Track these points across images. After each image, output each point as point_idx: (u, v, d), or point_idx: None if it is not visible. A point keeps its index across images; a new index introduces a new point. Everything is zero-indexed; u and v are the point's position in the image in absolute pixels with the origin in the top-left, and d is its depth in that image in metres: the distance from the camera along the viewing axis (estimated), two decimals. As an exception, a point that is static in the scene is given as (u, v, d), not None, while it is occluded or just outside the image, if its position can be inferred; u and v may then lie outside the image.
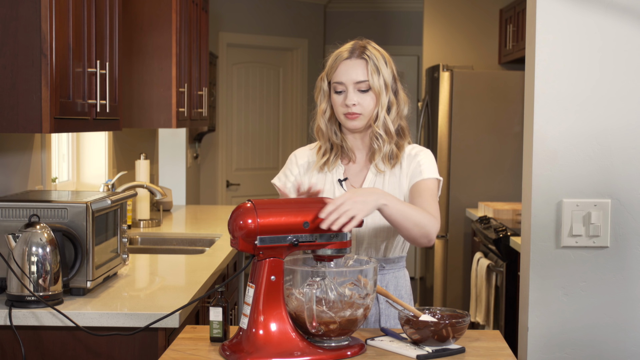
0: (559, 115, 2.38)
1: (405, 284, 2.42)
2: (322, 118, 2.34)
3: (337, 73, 2.28)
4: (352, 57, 2.27)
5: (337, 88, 2.28)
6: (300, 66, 7.44)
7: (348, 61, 2.27)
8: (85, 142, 4.06)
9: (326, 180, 2.34)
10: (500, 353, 2.04)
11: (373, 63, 2.26)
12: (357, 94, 2.26)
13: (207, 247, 3.76)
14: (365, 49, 2.29)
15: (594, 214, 2.37)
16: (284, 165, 2.44)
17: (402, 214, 2.06)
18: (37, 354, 2.34)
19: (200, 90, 4.63)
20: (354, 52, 2.28)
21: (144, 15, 3.91)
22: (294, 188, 2.31)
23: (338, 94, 2.28)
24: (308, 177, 2.37)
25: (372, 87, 2.26)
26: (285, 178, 2.40)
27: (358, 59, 2.27)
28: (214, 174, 6.79)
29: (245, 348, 1.93)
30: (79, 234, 2.50)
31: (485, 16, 6.47)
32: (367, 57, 2.27)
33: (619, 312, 2.40)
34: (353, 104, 2.26)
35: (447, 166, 5.71)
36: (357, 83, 2.26)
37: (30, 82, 2.35)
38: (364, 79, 2.26)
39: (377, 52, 2.30)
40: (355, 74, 2.26)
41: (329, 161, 2.34)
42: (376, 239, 2.30)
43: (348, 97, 2.26)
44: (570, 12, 2.37)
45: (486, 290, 4.60)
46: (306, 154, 2.41)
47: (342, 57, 2.28)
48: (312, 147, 2.42)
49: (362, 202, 1.97)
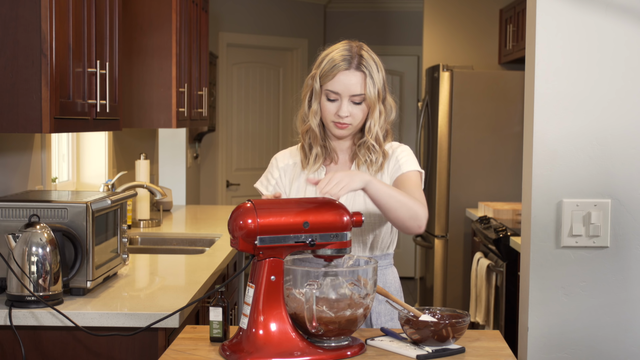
0: (558, 115, 2.38)
1: (394, 281, 2.41)
2: (314, 119, 2.33)
3: (334, 82, 2.26)
4: (350, 68, 2.25)
5: (330, 96, 2.28)
6: (300, 66, 7.44)
7: (347, 72, 2.25)
8: (85, 142, 4.06)
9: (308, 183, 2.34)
10: (500, 353, 2.04)
11: (370, 75, 2.26)
12: (351, 105, 2.27)
13: (207, 247, 3.76)
14: (362, 58, 2.26)
15: (594, 214, 2.37)
16: (266, 169, 2.45)
17: (388, 193, 2.10)
18: (37, 354, 2.35)
19: (200, 90, 4.63)
20: (352, 63, 2.25)
21: (144, 15, 3.91)
22: (274, 192, 2.33)
23: (330, 101, 2.28)
24: (290, 178, 2.38)
25: (368, 100, 2.26)
26: (266, 182, 2.42)
27: (357, 71, 2.25)
28: (214, 174, 6.79)
29: (245, 348, 1.93)
30: (79, 234, 2.50)
31: (485, 16, 6.47)
32: (365, 68, 2.26)
33: (619, 312, 2.40)
34: (346, 115, 2.26)
35: (447, 166, 5.71)
36: (353, 96, 2.26)
37: (30, 82, 2.35)
38: (361, 92, 2.26)
39: (371, 60, 2.28)
40: (353, 87, 2.25)
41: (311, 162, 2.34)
42: (362, 233, 2.31)
43: (342, 109, 2.26)
44: (570, 12, 2.37)
45: (486, 290, 4.60)
46: (286, 157, 2.42)
47: (340, 68, 2.25)
48: (293, 149, 2.43)
49: (351, 176, 2.05)
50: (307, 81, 2.35)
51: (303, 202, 2.04)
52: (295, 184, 2.36)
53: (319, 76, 2.30)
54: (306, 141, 2.36)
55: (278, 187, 2.39)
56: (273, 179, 2.41)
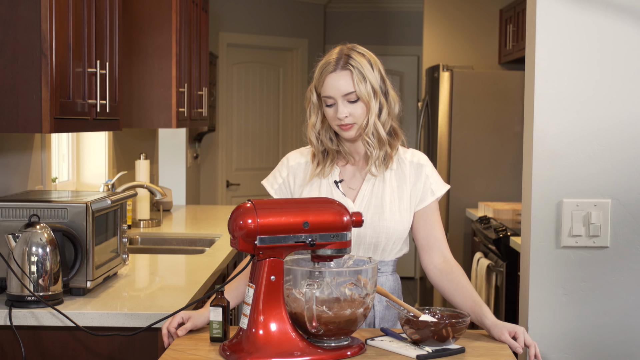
0: (559, 115, 2.38)
1: (397, 287, 2.40)
2: (313, 131, 2.34)
3: (325, 87, 2.27)
4: (336, 69, 2.26)
5: (327, 102, 2.28)
6: (300, 66, 7.44)
7: (333, 74, 2.26)
8: (85, 142, 4.06)
9: (322, 182, 2.34)
10: (500, 353, 2.04)
11: (358, 71, 2.25)
12: (347, 105, 2.26)
13: (207, 247, 3.76)
14: (349, 58, 2.26)
15: (594, 214, 2.37)
16: (275, 167, 2.45)
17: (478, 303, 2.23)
18: (37, 354, 2.34)
19: (200, 90, 4.63)
20: (338, 64, 2.26)
21: (144, 15, 3.91)
22: (280, 191, 2.34)
23: (329, 107, 2.28)
24: (302, 177, 2.37)
25: (360, 97, 2.25)
26: (273, 179, 2.41)
27: (343, 71, 2.25)
28: (214, 174, 6.79)
29: (245, 348, 1.93)
30: (79, 234, 2.50)
31: (485, 16, 6.47)
32: (352, 66, 2.25)
33: (619, 312, 2.40)
34: (345, 116, 2.26)
35: (447, 166, 5.71)
36: (345, 95, 2.26)
37: (30, 82, 2.35)
38: (351, 90, 2.25)
39: (361, 58, 2.27)
40: (342, 86, 2.25)
41: (324, 169, 2.35)
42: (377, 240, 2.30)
43: (339, 111, 2.26)
44: (570, 12, 2.37)
45: (486, 290, 4.60)
46: (298, 156, 2.42)
47: (328, 71, 2.26)
48: (305, 150, 2.42)
49: None
50: (307, 94, 2.36)
51: (303, 202, 2.04)
52: (307, 188, 2.34)
53: (315, 86, 2.31)
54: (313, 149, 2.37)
55: (284, 186, 2.38)
56: (280, 178, 2.40)
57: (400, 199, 2.31)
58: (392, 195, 2.31)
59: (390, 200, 2.30)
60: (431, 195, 2.33)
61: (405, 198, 2.32)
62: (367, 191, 2.32)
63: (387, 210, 2.29)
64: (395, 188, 2.32)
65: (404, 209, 2.31)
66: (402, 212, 2.30)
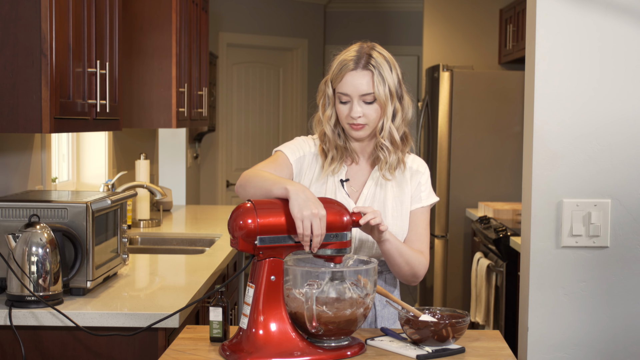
0: (559, 115, 2.38)
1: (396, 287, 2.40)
2: (329, 124, 2.30)
3: (343, 84, 2.25)
4: (357, 68, 2.23)
5: (342, 98, 2.26)
6: (300, 66, 7.44)
7: (354, 72, 2.23)
8: (85, 142, 4.06)
9: (328, 181, 2.33)
10: (500, 353, 2.04)
11: (378, 73, 2.23)
12: (362, 105, 2.24)
13: (207, 247, 3.76)
14: (370, 57, 2.24)
15: (594, 214, 2.37)
16: (292, 141, 2.38)
17: (399, 251, 2.21)
18: (37, 354, 2.35)
19: (200, 90, 4.63)
20: (359, 63, 2.23)
21: (144, 15, 3.91)
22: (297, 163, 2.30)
23: (343, 104, 2.26)
24: (306, 168, 2.33)
25: (378, 99, 2.23)
26: (295, 148, 2.34)
27: (364, 70, 2.23)
28: (214, 174, 6.79)
29: (245, 348, 1.93)
30: (79, 234, 2.50)
31: (485, 16, 6.47)
32: (373, 67, 2.23)
33: (619, 312, 2.40)
34: (359, 116, 2.24)
35: (447, 166, 5.71)
36: (363, 95, 2.23)
37: (30, 82, 2.35)
38: (370, 91, 2.23)
39: (382, 59, 2.25)
40: (361, 86, 2.22)
41: (337, 166, 2.32)
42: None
43: (353, 110, 2.24)
44: (570, 12, 2.37)
45: (486, 290, 4.60)
46: (311, 144, 2.36)
47: (348, 68, 2.23)
48: (312, 141, 2.38)
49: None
50: (321, 86, 2.33)
51: (303, 202, 2.04)
52: (315, 185, 2.32)
53: (331, 80, 2.28)
54: (325, 145, 2.33)
55: (300, 162, 2.32)
56: (301, 151, 2.33)
57: (401, 203, 2.31)
58: (394, 200, 2.31)
59: (392, 204, 2.30)
60: (419, 201, 2.34)
61: (406, 203, 2.32)
62: (370, 194, 2.31)
63: (389, 215, 2.29)
64: (397, 192, 2.32)
65: (404, 214, 2.31)
66: (403, 217, 2.30)
